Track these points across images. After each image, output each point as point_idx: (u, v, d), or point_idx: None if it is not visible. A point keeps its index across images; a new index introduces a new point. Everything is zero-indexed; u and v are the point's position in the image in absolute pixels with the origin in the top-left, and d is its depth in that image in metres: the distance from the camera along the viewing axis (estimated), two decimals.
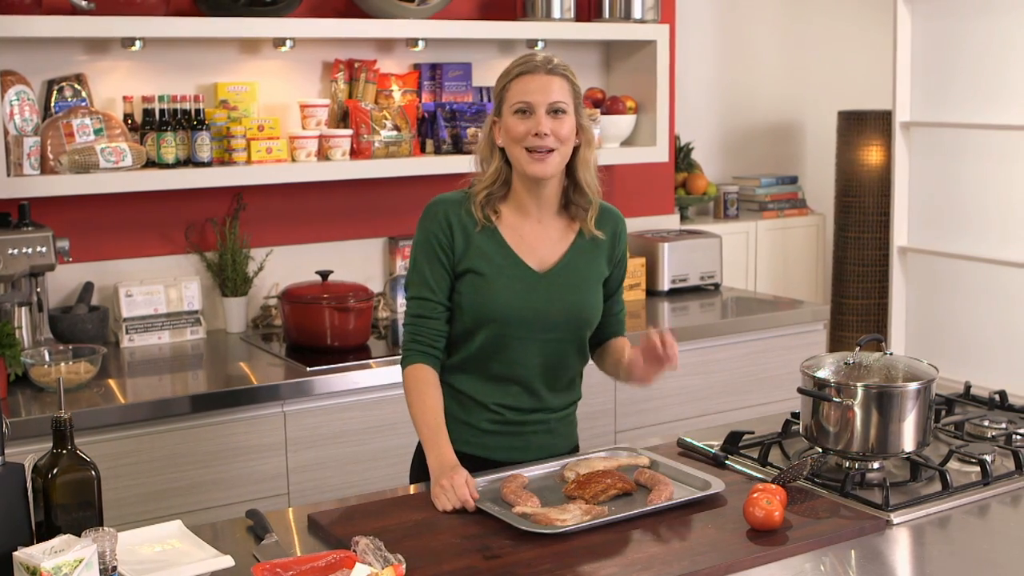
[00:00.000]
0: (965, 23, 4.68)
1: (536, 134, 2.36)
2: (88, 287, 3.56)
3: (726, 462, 2.45)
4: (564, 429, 2.60)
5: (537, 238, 2.48)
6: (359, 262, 4.00)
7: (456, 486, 2.20)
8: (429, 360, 2.47)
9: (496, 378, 2.48)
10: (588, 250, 2.52)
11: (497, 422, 2.50)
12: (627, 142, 4.31)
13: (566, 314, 2.47)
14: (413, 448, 2.60)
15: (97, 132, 3.39)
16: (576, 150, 2.45)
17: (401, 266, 3.98)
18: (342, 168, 3.71)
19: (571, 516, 2.10)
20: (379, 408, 3.28)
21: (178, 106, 3.52)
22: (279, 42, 3.65)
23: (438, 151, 3.92)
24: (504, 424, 2.50)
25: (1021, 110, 4.52)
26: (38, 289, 3.33)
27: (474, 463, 2.45)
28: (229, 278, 3.73)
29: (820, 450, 2.38)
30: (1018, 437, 2.55)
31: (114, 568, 1.85)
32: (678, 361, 2.38)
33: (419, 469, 2.59)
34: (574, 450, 2.64)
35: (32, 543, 1.88)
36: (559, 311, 2.46)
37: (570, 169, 2.47)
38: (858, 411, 2.30)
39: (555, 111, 2.38)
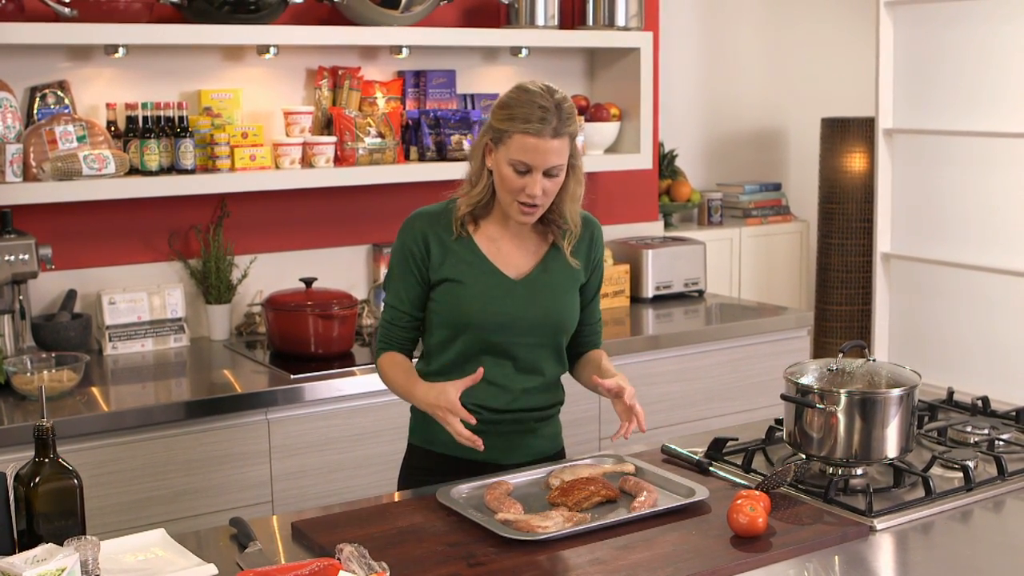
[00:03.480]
0: (947, 31, 4.70)
1: (529, 195, 2.38)
2: (71, 295, 3.54)
3: (710, 469, 2.45)
4: (547, 431, 2.60)
5: (513, 248, 2.52)
6: (343, 269, 3.99)
7: (451, 406, 2.31)
8: (399, 351, 2.57)
9: None
10: (562, 261, 2.54)
11: (479, 422, 2.46)
12: (611, 149, 4.32)
13: (542, 319, 2.49)
14: (400, 455, 2.61)
15: (80, 139, 3.38)
16: (564, 184, 2.46)
17: (385, 273, 3.98)
18: (326, 175, 3.71)
19: (553, 523, 2.10)
20: (363, 416, 3.28)
21: (161, 113, 3.51)
22: (263, 49, 3.65)
23: (422, 158, 3.92)
24: (485, 423, 2.48)
25: (1003, 117, 4.54)
26: (20, 297, 3.32)
27: (456, 464, 2.48)
28: (213, 285, 3.72)
29: (804, 456, 2.39)
30: (1000, 443, 2.56)
31: None
32: (644, 427, 2.40)
33: (408, 475, 2.60)
34: (559, 454, 2.64)
35: (14, 552, 1.88)
36: (535, 316, 2.48)
37: (557, 199, 2.48)
38: (841, 417, 2.30)
39: (550, 173, 2.39)
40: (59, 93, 3.49)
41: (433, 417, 2.39)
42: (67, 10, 3.31)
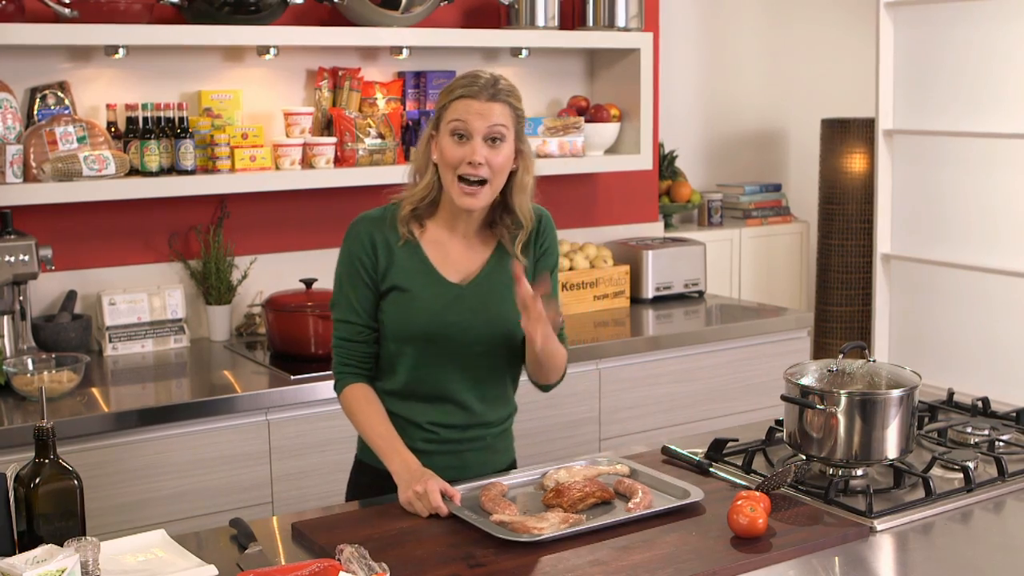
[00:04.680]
0: (947, 31, 4.70)
1: (470, 162, 2.30)
2: (71, 295, 3.54)
3: (710, 469, 2.45)
4: (501, 444, 2.55)
5: (460, 252, 2.44)
6: None
7: (430, 490, 2.20)
8: (362, 379, 2.47)
9: (427, 397, 2.44)
10: (509, 257, 2.45)
11: (432, 441, 2.45)
12: (611, 150, 4.32)
13: (490, 326, 2.42)
14: None
15: (80, 140, 3.38)
16: (513, 174, 2.39)
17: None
18: (326, 176, 3.71)
19: (548, 524, 2.09)
20: None
21: (162, 114, 3.52)
22: (263, 50, 3.65)
23: None
24: (440, 443, 2.45)
25: (1003, 118, 4.54)
26: (21, 298, 3.32)
27: None
28: (213, 286, 3.72)
29: (804, 457, 2.39)
30: (1001, 444, 2.56)
31: None
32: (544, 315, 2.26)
33: (356, 486, 2.55)
34: (511, 465, 2.58)
35: (14, 553, 1.88)
36: (483, 324, 2.41)
37: (504, 191, 2.41)
38: (841, 418, 2.30)
39: (492, 139, 2.32)
40: (59, 94, 3.49)
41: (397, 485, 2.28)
42: (67, 11, 3.31)
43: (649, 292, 4.33)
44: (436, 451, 2.44)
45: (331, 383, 3.22)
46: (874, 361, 2.45)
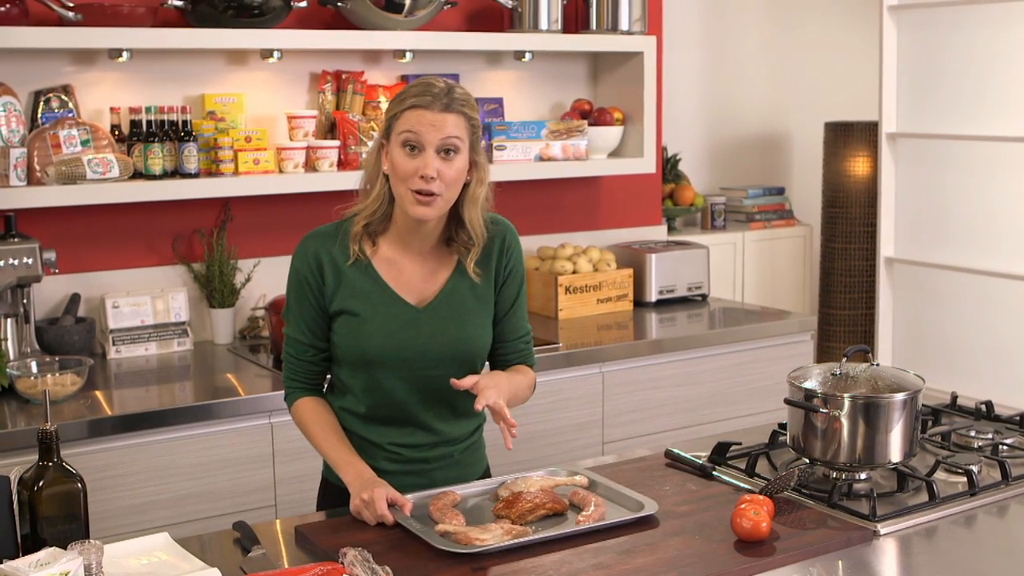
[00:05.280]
0: (951, 35, 4.70)
1: (422, 176, 2.21)
2: (75, 298, 3.55)
3: (713, 473, 2.45)
4: (470, 458, 2.49)
5: (416, 272, 2.36)
6: None
7: (376, 499, 2.16)
8: (312, 393, 2.43)
9: (387, 420, 2.38)
10: (469, 278, 2.37)
11: (397, 461, 2.40)
12: (614, 153, 4.32)
13: (449, 349, 2.34)
14: None
15: (84, 143, 3.39)
16: (466, 186, 2.30)
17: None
18: (329, 179, 3.71)
19: (491, 536, 2.05)
20: None
21: (165, 117, 3.52)
22: (266, 53, 3.65)
23: None
24: (405, 463, 2.40)
25: (1007, 121, 4.54)
26: (24, 300, 3.32)
27: None
28: (216, 289, 3.72)
29: (807, 461, 2.39)
30: (1004, 447, 2.56)
31: None
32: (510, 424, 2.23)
33: (324, 497, 2.51)
34: (485, 473, 2.53)
35: (18, 556, 1.88)
36: (441, 346, 2.33)
37: (457, 203, 2.32)
38: (845, 422, 2.30)
39: (445, 150, 2.23)
40: (63, 97, 3.49)
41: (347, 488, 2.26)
42: (71, 14, 3.31)
43: (652, 295, 4.32)
44: (401, 471, 2.39)
45: None
46: (877, 365, 2.44)
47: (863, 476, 2.37)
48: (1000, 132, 4.54)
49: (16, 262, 3.21)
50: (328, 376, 2.47)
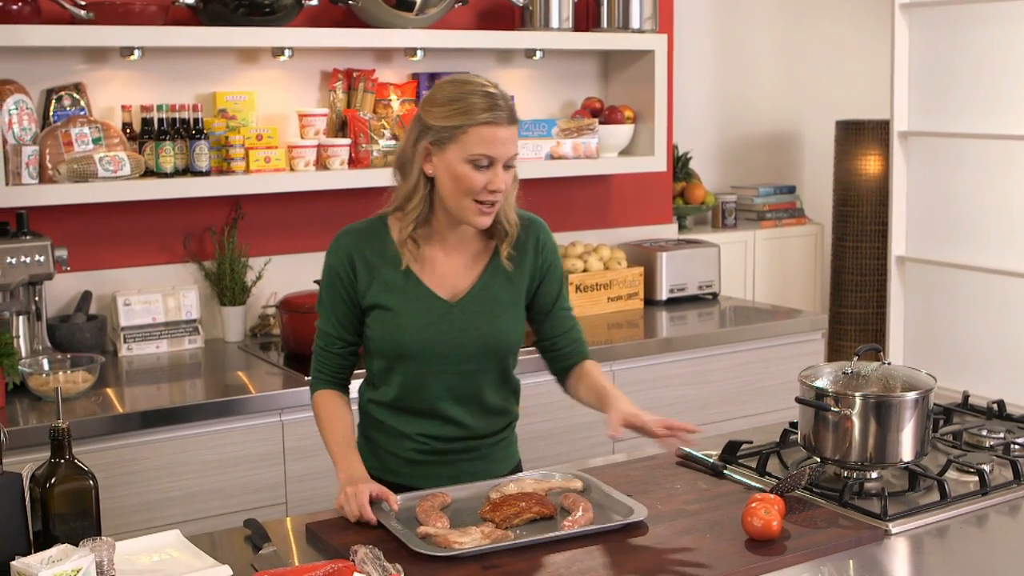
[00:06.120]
0: (963, 33, 4.68)
1: (493, 190, 2.24)
2: (86, 296, 3.56)
3: (724, 472, 2.45)
4: (499, 454, 2.50)
5: (449, 267, 2.38)
6: None
7: (358, 493, 2.17)
8: (335, 387, 2.46)
9: (417, 412, 2.41)
10: (503, 272, 2.40)
11: (423, 451, 2.42)
12: (625, 152, 4.32)
13: (480, 343, 2.36)
14: None
15: (96, 141, 3.40)
16: None
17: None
18: (340, 177, 3.71)
19: (470, 539, 2.04)
20: None
21: (176, 115, 3.52)
22: (278, 51, 3.66)
23: None
24: (431, 453, 2.42)
25: (1019, 120, 4.52)
26: (36, 298, 3.33)
27: (402, 492, 2.34)
28: (227, 287, 3.73)
29: (818, 460, 2.38)
30: (1016, 447, 2.55)
31: None
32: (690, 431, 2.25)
33: None
34: (515, 469, 2.54)
35: (30, 553, 1.88)
36: (473, 341, 2.35)
37: None
38: (856, 421, 2.30)
39: (508, 164, 2.27)
40: (75, 95, 3.50)
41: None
42: (83, 12, 3.32)
43: (663, 294, 4.32)
44: (427, 461, 2.42)
45: None
46: (889, 363, 2.44)
47: (874, 475, 2.36)
48: (1012, 130, 4.52)
49: (28, 260, 3.22)
50: (355, 371, 2.50)
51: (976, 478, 2.34)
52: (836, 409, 2.31)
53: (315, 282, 2.77)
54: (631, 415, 2.29)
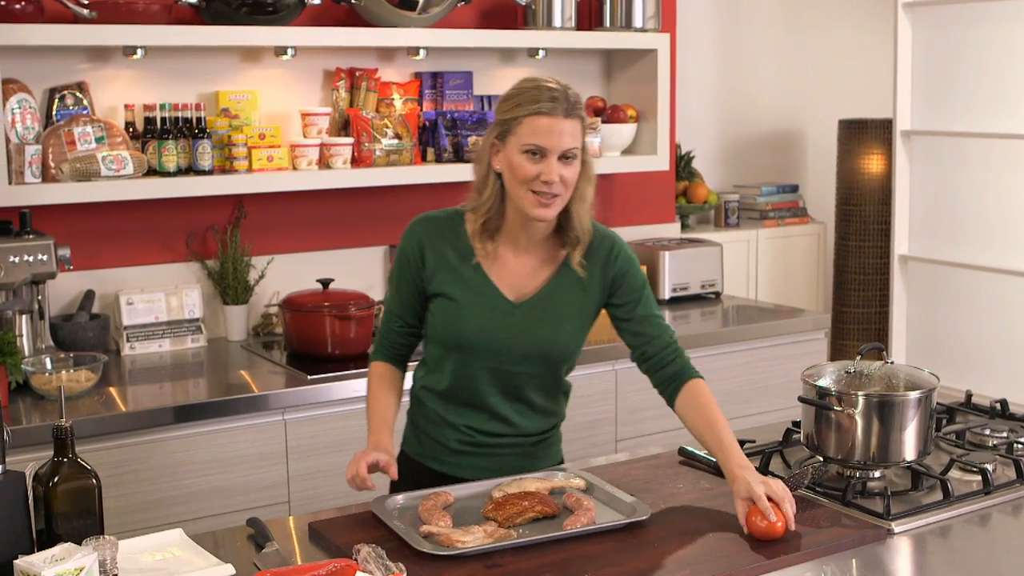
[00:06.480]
0: (966, 32, 4.68)
1: (545, 181, 2.26)
2: (89, 295, 3.56)
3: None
4: (542, 451, 2.52)
5: (519, 268, 2.40)
6: (360, 270, 4.00)
7: (357, 460, 2.24)
8: (391, 361, 2.52)
9: (466, 403, 2.44)
10: (572, 281, 2.42)
11: (467, 443, 2.45)
12: (628, 151, 4.32)
13: (536, 348, 2.39)
14: None
15: (98, 140, 3.40)
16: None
17: None
18: (343, 176, 3.71)
19: (472, 538, 2.04)
20: None
21: (179, 114, 3.52)
22: (280, 51, 3.66)
23: (439, 160, 3.92)
24: (474, 445, 2.45)
25: (1022, 118, 4.52)
26: (39, 297, 3.33)
27: (442, 481, 2.40)
28: (230, 286, 3.73)
29: (821, 459, 2.38)
30: (1019, 446, 2.55)
31: None
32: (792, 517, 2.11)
33: (396, 482, 2.48)
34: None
35: (33, 551, 1.88)
36: (529, 344, 2.38)
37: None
38: (859, 420, 2.30)
39: (566, 156, 2.29)
40: (78, 94, 3.50)
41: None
42: (86, 12, 3.32)
43: (666, 293, 4.32)
44: (471, 451, 2.46)
45: (347, 383, 3.28)
46: (892, 363, 2.44)
47: (877, 474, 2.36)
48: (1016, 129, 4.52)
49: (31, 259, 3.22)
50: (414, 349, 2.55)
51: (979, 477, 2.34)
52: (839, 408, 2.31)
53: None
54: (755, 496, 2.12)
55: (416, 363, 2.57)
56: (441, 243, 2.40)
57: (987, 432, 2.62)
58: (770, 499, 2.10)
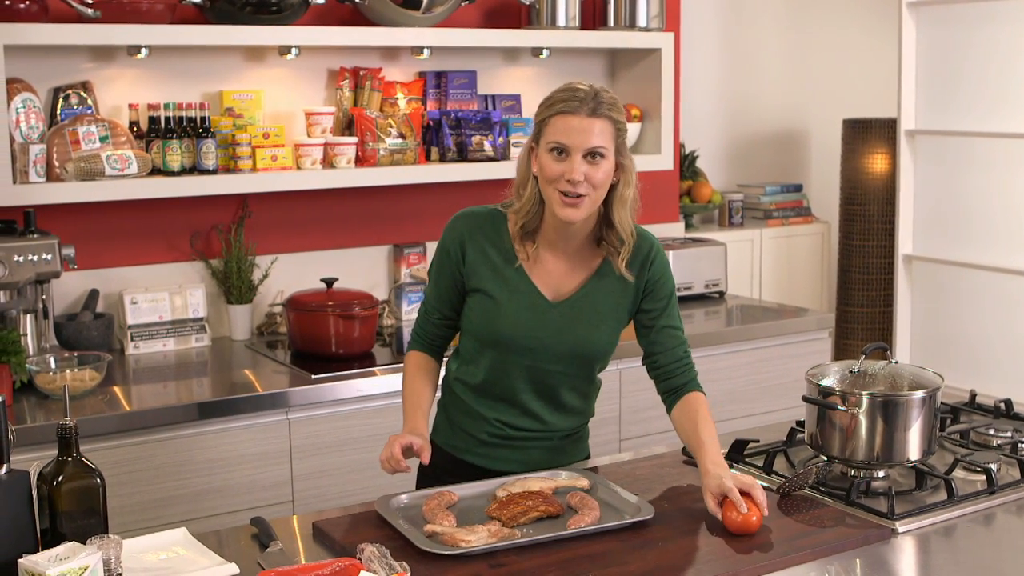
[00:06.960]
0: (970, 31, 4.68)
1: (569, 180, 2.27)
2: (93, 294, 3.56)
3: (731, 470, 2.44)
4: (571, 447, 2.56)
5: (557, 268, 2.42)
6: (364, 270, 4.00)
7: (391, 443, 2.31)
8: (428, 351, 2.56)
9: (498, 398, 2.47)
10: (610, 283, 2.43)
11: (496, 436, 2.49)
12: (632, 150, 4.28)
13: (571, 348, 2.41)
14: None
15: (103, 140, 3.40)
16: (613, 187, 2.35)
17: (406, 274, 3.98)
18: (347, 176, 3.71)
19: (476, 537, 2.04)
20: (383, 416, 3.28)
21: (183, 114, 3.53)
22: (284, 50, 3.66)
23: (443, 159, 3.92)
24: (505, 438, 2.49)
25: None
26: (43, 296, 3.33)
27: (473, 471, 2.46)
28: (234, 285, 3.73)
29: (825, 459, 2.38)
30: (1023, 445, 2.55)
31: (119, 575, 1.86)
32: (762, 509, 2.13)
33: (426, 471, 2.54)
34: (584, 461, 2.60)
35: (37, 550, 1.88)
36: (564, 344, 2.40)
37: (606, 205, 2.38)
38: (863, 420, 2.30)
39: (591, 155, 2.28)
40: (82, 94, 3.50)
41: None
42: (90, 11, 3.32)
43: None
44: (501, 444, 2.49)
45: (351, 383, 3.28)
46: (896, 362, 2.44)
47: (881, 474, 2.36)
48: (1020, 129, 4.51)
49: (35, 258, 3.23)
50: (451, 340, 2.59)
51: (983, 477, 2.34)
52: (843, 408, 2.31)
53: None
54: (725, 490, 2.16)
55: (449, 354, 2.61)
56: (483, 239, 2.43)
57: (991, 432, 2.62)
58: (743, 493, 2.11)
